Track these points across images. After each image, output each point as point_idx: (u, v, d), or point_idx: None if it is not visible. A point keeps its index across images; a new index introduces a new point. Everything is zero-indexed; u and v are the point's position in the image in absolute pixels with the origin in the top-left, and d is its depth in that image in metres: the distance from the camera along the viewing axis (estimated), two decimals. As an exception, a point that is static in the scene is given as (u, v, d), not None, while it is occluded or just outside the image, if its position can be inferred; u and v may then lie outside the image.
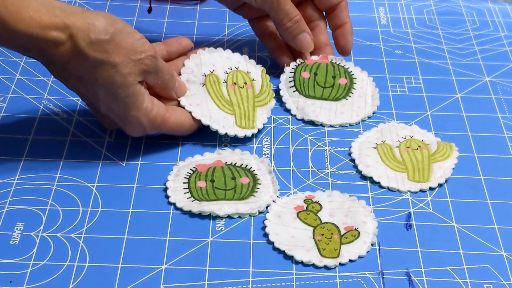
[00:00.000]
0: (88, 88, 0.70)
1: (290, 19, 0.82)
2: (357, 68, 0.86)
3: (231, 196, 0.71)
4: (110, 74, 0.69)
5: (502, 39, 0.96)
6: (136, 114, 0.71)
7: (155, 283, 0.64)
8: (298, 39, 0.83)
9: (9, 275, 0.64)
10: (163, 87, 0.75)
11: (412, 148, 0.77)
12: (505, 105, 0.85)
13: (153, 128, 0.73)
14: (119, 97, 0.70)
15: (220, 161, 0.74)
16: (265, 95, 0.80)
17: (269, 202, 0.71)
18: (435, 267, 0.66)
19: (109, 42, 0.68)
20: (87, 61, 0.68)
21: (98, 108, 0.72)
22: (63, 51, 0.67)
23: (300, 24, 0.83)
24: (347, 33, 0.86)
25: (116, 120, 0.72)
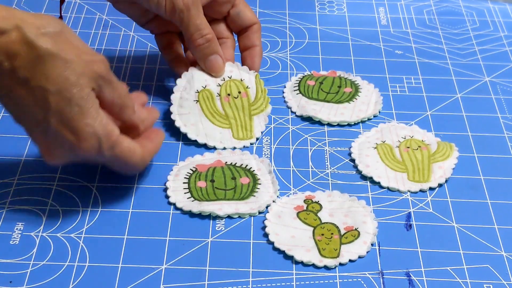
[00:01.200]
0: (36, 94, 0.62)
1: (201, 35, 0.77)
2: (365, 82, 0.86)
3: (231, 196, 0.71)
4: (63, 70, 0.62)
5: (502, 39, 0.96)
6: (91, 123, 0.64)
7: (155, 283, 0.64)
8: (209, 60, 0.79)
9: (9, 275, 0.64)
10: (120, 105, 0.67)
11: (412, 148, 0.77)
12: (505, 105, 0.85)
13: (108, 144, 0.65)
14: (73, 99, 0.63)
15: (220, 161, 0.74)
16: (261, 101, 0.80)
17: (269, 202, 0.71)
18: (435, 267, 0.66)
19: (59, 36, 0.63)
20: (38, 53, 0.61)
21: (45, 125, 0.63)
22: (9, 42, 0.61)
23: (213, 44, 0.78)
24: (255, 55, 0.82)
25: (67, 135, 0.63)
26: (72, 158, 0.66)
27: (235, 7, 0.82)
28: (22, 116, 0.64)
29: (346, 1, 1.01)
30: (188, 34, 0.78)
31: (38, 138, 0.65)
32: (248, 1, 0.97)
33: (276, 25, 0.96)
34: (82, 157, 0.65)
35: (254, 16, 0.83)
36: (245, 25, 0.82)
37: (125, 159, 0.67)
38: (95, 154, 0.65)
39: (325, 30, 0.96)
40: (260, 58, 0.83)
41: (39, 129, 0.64)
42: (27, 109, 0.63)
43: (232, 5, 0.82)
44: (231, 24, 0.83)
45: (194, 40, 0.78)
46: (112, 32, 0.93)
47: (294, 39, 0.94)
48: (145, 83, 0.85)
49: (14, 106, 0.64)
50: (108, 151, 0.65)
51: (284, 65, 0.89)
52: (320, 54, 0.91)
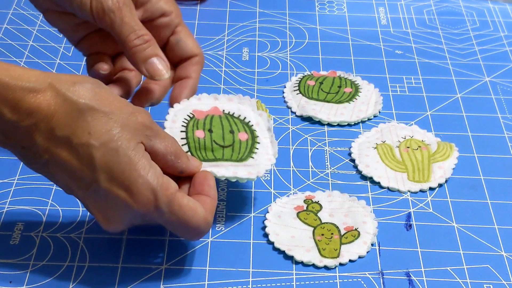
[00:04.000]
0: (80, 152, 0.58)
1: (138, 36, 0.66)
2: (365, 82, 0.86)
3: (229, 156, 0.68)
4: (105, 123, 0.58)
5: (502, 39, 0.96)
6: (144, 174, 0.58)
7: (155, 283, 0.64)
8: (149, 63, 0.67)
9: (9, 275, 0.64)
10: (174, 153, 0.62)
11: (412, 148, 0.77)
12: (505, 105, 0.85)
13: (166, 197, 0.59)
14: (120, 149, 0.58)
15: (217, 109, 0.70)
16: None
17: (267, 167, 0.68)
18: (435, 267, 0.66)
19: (95, 90, 0.59)
20: (76, 108, 0.58)
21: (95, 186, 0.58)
22: (44, 101, 0.57)
23: (152, 45, 0.67)
24: (186, 86, 0.71)
25: (119, 193, 0.58)
26: (132, 221, 0.60)
27: (175, 34, 0.71)
28: (71, 182, 0.59)
29: (346, 1, 1.01)
30: (122, 36, 0.66)
31: (92, 205, 0.60)
32: (248, 1, 0.97)
33: (276, 25, 0.96)
34: (141, 216, 0.60)
35: (197, 47, 0.72)
36: (185, 55, 0.71)
37: (186, 220, 0.60)
38: (152, 209, 0.59)
39: (325, 30, 0.96)
40: (191, 92, 0.71)
41: (90, 193, 0.59)
42: (74, 173, 0.58)
43: (172, 31, 0.71)
44: (169, 54, 0.71)
45: (129, 41, 0.66)
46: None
47: (294, 39, 0.94)
48: (145, 83, 0.85)
49: (61, 172, 0.59)
50: (165, 206, 0.59)
51: (284, 65, 0.89)
52: (320, 54, 0.91)
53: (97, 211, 0.60)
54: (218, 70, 0.88)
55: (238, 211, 0.71)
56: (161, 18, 0.70)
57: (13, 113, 0.57)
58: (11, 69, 0.57)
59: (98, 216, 0.60)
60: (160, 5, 0.70)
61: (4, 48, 0.90)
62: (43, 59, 0.87)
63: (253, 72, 0.88)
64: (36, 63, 0.87)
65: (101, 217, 0.60)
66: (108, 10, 0.66)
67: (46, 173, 0.61)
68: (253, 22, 0.96)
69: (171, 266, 0.65)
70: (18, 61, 0.87)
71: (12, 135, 0.58)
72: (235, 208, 0.71)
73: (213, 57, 0.90)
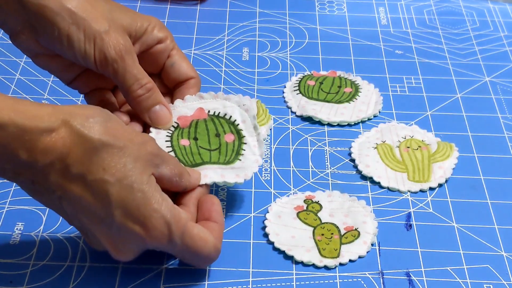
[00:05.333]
0: (95, 188, 0.58)
1: (140, 86, 0.67)
2: (365, 82, 0.86)
3: (216, 159, 0.68)
4: (119, 158, 0.58)
5: (502, 39, 0.96)
6: (158, 208, 0.59)
7: (155, 283, 0.64)
8: (153, 111, 0.68)
9: (9, 275, 0.64)
10: (178, 174, 0.63)
11: (412, 148, 0.77)
12: (505, 105, 0.85)
13: (179, 230, 0.60)
14: (135, 185, 0.58)
15: (202, 111, 0.70)
16: (262, 117, 0.79)
17: (255, 169, 0.68)
18: (435, 267, 0.66)
19: (108, 124, 0.59)
20: (91, 145, 0.57)
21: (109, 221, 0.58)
22: (59, 140, 0.57)
23: (155, 94, 0.68)
24: None
25: (134, 227, 0.58)
26: (142, 250, 0.61)
27: (170, 57, 0.71)
28: (82, 217, 0.59)
29: (346, 1, 1.01)
30: (125, 86, 0.67)
31: (103, 237, 0.59)
32: (248, 1, 0.97)
33: (276, 25, 0.96)
34: (153, 247, 0.61)
35: (192, 70, 0.72)
36: (180, 78, 0.72)
37: (197, 248, 0.61)
38: (166, 242, 0.60)
39: (325, 30, 0.96)
40: None
41: (102, 226, 0.59)
42: (87, 208, 0.58)
43: (168, 55, 0.71)
44: (165, 78, 0.72)
45: (132, 92, 0.67)
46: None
47: (294, 39, 0.94)
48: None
49: (73, 208, 0.59)
50: (179, 239, 0.60)
51: (284, 65, 0.89)
52: (320, 54, 0.91)
53: (108, 243, 0.60)
54: (218, 70, 0.88)
55: (238, 211, 0.71)
56: (157, 45, 0.70)
57: (29, 155, 0.56)
58: (26, 110, 0.56)
59: (108, 247, 0.60)
60: (155, 33, 0.70)
61: (4, 48, 0.90)
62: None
63: (253, 72, 0.88)
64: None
65: (112, 248, 0.60)
66: (111, 60, 0.66)
67: (54, 206, 0.60)
68: (253, 22, 0.96)
69: (171, 266, 0.65)
70: (18, 61, 0.87)
71: (25, 173, 0.58)
72: (235, 208, 0.71)
73: (213, 57, 0.90)
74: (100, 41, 0.65)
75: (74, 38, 0.65)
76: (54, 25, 0.65)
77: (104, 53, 0.66)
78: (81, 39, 0.65)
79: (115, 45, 0.66)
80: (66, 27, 0.65)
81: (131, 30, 0.68)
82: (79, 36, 0.65)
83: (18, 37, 0.67)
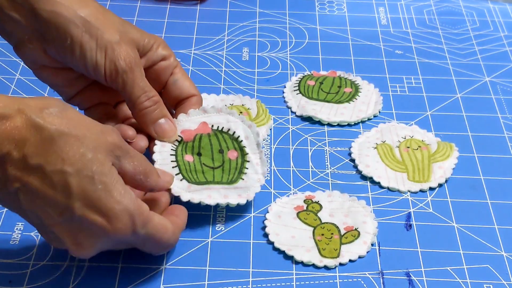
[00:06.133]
0: (54, 179, 0.56)
1: (147, 98, 0.67)
2: (365, 81, 0.86)
3: (219, 178, 0.69)
4: (78, 148, 0.56)
5: (502, 39, 0.96)
6: (121, 199, 0.58)
7: (155, 283, 0.64)
8: (158, 124, 0.69)
9: (9, 275, 0.64)
10: (143, 172, 0.62)
11: (412, 148, 0.77)
12: (505, 105, 0.85)
13: (142, 221, 0.59)
14: (96, 176, 0.57)
15: (205, 125, 0.71)
16: (262, 117, 0.80)
17: (257, 189, 0.69)
18: (435, 267, 0.66)
19: (64, 114, 0.57)
20: (48, 135, 0.56)
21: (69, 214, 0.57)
22: (15, 128, 0.55)
23: (161, 107, 0.69)
24: None
25: (96, 219, 0.57)
26: (104, 246, 0.60)
27: (173, 75, 0.72)
28: (40, 211, 0.57)
29: (346, 1, 1.01)
30: (133, 97, 0.67)
31: (62, 232, 0.58)
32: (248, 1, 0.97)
33: (276, 25, 0.96)
34: (115, 241, 0.59)
35: (194, 88, 0.73)
36: (183, 95, 0.72)
37: (158, 236, 0.61)
38: (130, 234, 0.59)
39: (325, 30, 0.96)
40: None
41: (62, 220, 0.57)
42: (46, 200, 0.56)
43: (171, 73, 0.72)
44: (167, 96, 0.72)
45: (139, 104, 0.67)
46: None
47: (294, 39, 0.94)
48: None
49: (31, 202, 0.57)
50: (142, 229, 0.59)
51: (284, 65, 0.89)
52: (320, 54, 0.91)
53: (67, 238, 0.58)
54: (218, 70, 0.88)
55: (238, 211, 0.71)
56: (161, 62, 0.71)
57: None
58: None
59: (68, 243, 0.58)
60: (160, 51, 0.71)
61: (4, 48, 0.90)
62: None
63: (253, 72, 0.88)
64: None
65: (73, 243, 0.58)
66: (122, 71, 0.66)
67: (11, 202, 0.58)
68: (253, 22, 0.96)
69: (171, 266, 0.65)
70: (18, 61, 0.87)
71: None
72: (235, 208, 0.71)
73: (213, 57, 0.90)
74: (111, 51, 0.66)
75: (86, 47, 0.65)
76: (67, 33, 0.65)
77: (115, 63, 0.66)
78: (93, 48, 0.65)
79: (125, 57, 0.66)
80: (80, 35, 0.65)
81: (139, 44, 0.69)
82: (91, 45, 0.65)
83: (25, 47, 0.66)
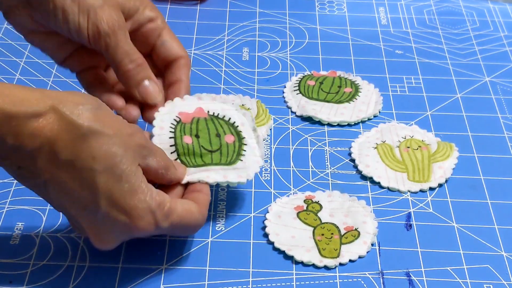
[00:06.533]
0: (83, 176, 0.57)
1: (131, 60, 0.68)
2: (365, 82, 0.86)
3: (218, 160, 0.68)
4: (109, 147, 0.58)
5: (502, 39, 0.96)
6: (144, 198, 0.59)
7: (155, 283, 0.64)
8: (142, 86, 0.69)
9: (9, 275, 0.64)
10: (164, 167, 0.63)
11: (412, 148, 0.77)
12: (505, 105, 0.85)
13: (163, 215, 0.60)
14: (123, 175, 0.58)
15: (201, 110, 0.70)
16: (262, 117, 0.80)
17: (256, 170, 0.68)
18: (435, 267, 0.66)
19: (98, 112, 0.59)
20: (80, 132, 0.57)
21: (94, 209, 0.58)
22: (47, 125, 0.56)
23: (144, 69, 0.69)
24: (180, 91, 0.71)
25: (119, 216, 0.59)
26: (125, 239, 0.62)
27: (160, 37, 0.72)
28: (66, 202, 0.59)
29: (346, 1, 1.01)
30: (116, 60, 0.68)
31: (86, 224, 0.59)
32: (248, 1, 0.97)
33: (276, 25, 0.96)
34: (137, 235, 0.61)
35: (182, 50, 0.73)
36: (171, 57, 0.72)
37: (185, 222, 0.62)
38: (153, 229, 0.60)
39: (325, 30, 0.96)
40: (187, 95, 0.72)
41: (86, 213, 0.59)
42: (73, 194, 0.58)
43: (159, 34, 0.72)
44: (156, 58, 0.73)
45: (123, 66, 0.68)
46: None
47: (294, 39, 0.94)
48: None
49: (58, 193, 0.59)
50: (164, 222, 0.60)
51: (284, 65, 0.89)
52: (320, 54, 0.91)
53: (90, 230, 0.60)
54: (218, 70, 0.88)
55: (238, 211, 0.71)
56: (148, 24, 0.71)
57: (16, 139, 0.56)
58: (12, 95, 0.56)
59: (90, 234, 0.60)
60: (147, 12, 0.71)
61: (4, 48, 0.90)
62: (43, 59, 0.86)
63: (253, 72, 0.88)
64: (36, 63, 0.87)
65: (94, 236, 0.60)
66: (104, 34, 0.67)
67: (39, 191, 0.60)
68: (253, 22, 0.96)
69: (171, 266, 0.65)
70: (18, 61, 0.87)
71: (11, 157, 0.57)
72: (235, 208, 0.71)
73: (213, 57, 0.90)
74: (93, 15, 0.66)
75: (68, 11, 0.66)
76: None
77: (97, 26, 0.66)
78: (75, 12, 0.66)
79: (108, 20, 0.67)
80: (62, 0, 0.66)
81: (125, 7, 0.69)
82: (73, 9, 0.66)
83: (13, 13, 0.68)
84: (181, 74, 0.72)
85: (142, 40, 0.71)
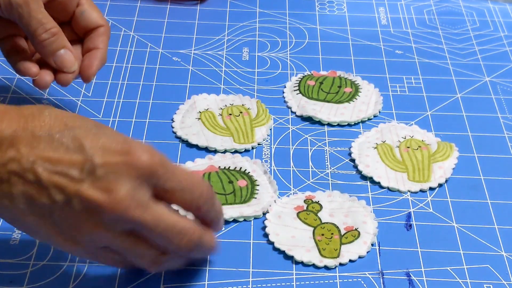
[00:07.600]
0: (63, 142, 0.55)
1: (45, 30, 0.69)
2: (365, 82, 0.86)
3: (232, 200, 0.70)
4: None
5: (502, 39, 0.96)
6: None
7: (155, 283, 0.64)
8: (58, 55, 0.70)
9: (9, 275, 0.64)
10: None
11: (412, 148, 0.77)
12: (505, 105, 0.85)
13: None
14: None
15: (213, 166, 0.74)
16: (262, 117, 0.80)
17: (271, 202, 0.71)
18: (435, 267, 0.66)
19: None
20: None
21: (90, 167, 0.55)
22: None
23: (60, 38, 0.70)
24: (95, 57, 0.73)
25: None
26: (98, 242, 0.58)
27: (80, 6, 0.74)
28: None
29: (346, 1, 1.01)
30: (30, 30, 0.69)
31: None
32: (248, 1, 0.97)
33: (276, 25, 0.96)
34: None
35: (102, 19, 0.74)
36: (90, 26, 0.74)
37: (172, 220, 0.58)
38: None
39: (325, 30, 0.96)
40: (101, 62, 0.74)
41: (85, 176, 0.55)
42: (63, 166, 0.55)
43: (77, 4, 0.74)
44: (75, 26, 0.74)
45: (38, 36, 0.69)
46: (113, 32, 0.93)
47: (294, 39, 0.94)
48: (145, 83, 0.85)
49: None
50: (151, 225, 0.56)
51: (284, 65, 0.89)
52: (320, 54, 0.91)
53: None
54: (218, 70, 0.88)
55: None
56: None
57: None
58: None
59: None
60: None
61: (4, 48, 0.89)
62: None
63: (253, 72, 0.88)
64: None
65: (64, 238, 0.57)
66: (16, 5, 0.68)
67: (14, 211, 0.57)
68: (253, 22, 0.96)
69: (171, 266, 0.65)
70: (18, 61, 0.87)
71: None
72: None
73: (213, 57, 0.90)
74: None
75: None
76: None
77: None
78: None
79: None
80: None
81: None
82: None
83: None
84: (99, 42, 0.74)
85: (60, 9, 0.73)
